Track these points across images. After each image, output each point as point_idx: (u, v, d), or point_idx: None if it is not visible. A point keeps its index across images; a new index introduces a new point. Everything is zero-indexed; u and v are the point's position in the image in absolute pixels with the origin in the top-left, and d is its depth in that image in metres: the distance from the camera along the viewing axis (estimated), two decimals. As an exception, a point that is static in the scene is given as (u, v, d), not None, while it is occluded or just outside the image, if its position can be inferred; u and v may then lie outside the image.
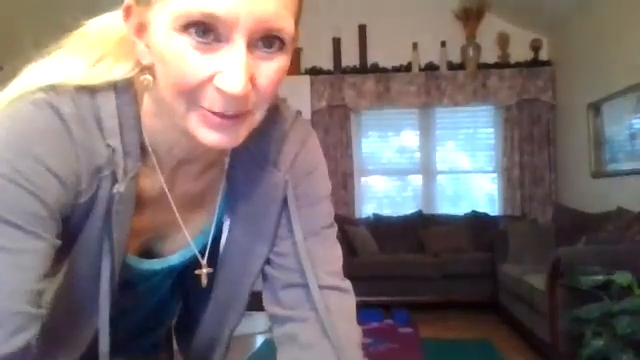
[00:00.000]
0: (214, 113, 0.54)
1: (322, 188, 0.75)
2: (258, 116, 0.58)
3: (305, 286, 0.70)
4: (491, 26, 5.34)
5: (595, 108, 4.49)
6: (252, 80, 0.53)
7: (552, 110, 5.33)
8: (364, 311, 4.75)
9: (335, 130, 5.49)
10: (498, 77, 5.34)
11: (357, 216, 5.50)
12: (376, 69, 5.44)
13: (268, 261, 0.72)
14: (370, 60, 5.46)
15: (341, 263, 0.76)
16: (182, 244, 0.72)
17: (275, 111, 0.70)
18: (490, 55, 5.37)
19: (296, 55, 5.47)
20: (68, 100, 0.56)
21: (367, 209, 5.66)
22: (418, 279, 4.69)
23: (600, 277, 2.61)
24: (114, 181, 0.59)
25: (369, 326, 4.33)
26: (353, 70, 5.46)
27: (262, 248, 0.71)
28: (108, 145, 0.58)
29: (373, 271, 4.76)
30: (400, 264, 4.77)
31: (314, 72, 5.47)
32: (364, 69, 5.45)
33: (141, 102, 0.62)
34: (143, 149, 0.62)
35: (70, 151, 0.56)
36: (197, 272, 0.71)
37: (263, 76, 0.55)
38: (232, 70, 0.51)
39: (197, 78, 0.52)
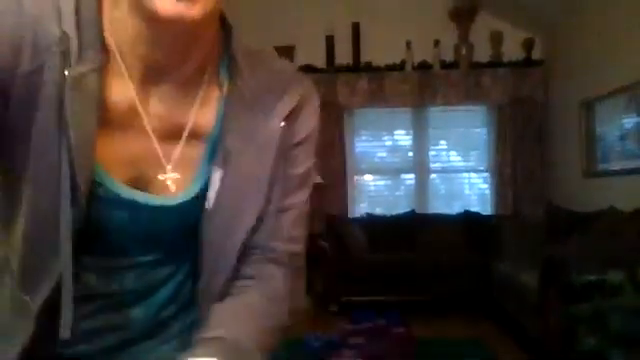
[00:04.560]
0: None
1: (308, 161, 0.72)
2: None
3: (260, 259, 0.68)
4: (484, 25, 5.34)
5: (587, 107, 4.51)
6: None
7: (544, 109, 5.35)
8: (357, 311, 4.79)
9: (328, 128, 5.48)
10: (491, 76, 5.36)
11: (350, 215, 5.50)
12: (369, 67, 5.43)
13: None
14: (363, 58, 5.45)
15: (300, 247, 0.72)
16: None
17: (274, 61, 0.69)
18: (483, 54, 5.38)
19: (289, 53, 5.45)
20: None
21: (360, 208, 5.65)
22: (411, 278, 4.69)
23: (593, 276, 2.61)
24: (66, 64, 0.56)
25: (362, 326, 4.33)
26: (346, 68, 5.45)
27: (256, 204, 0.66)
28: (64, 32, 0.56)
29: (366, 270, 4.75)
30: (393, 263, 4.77)
31: (307, 70, 5.45)
32: (357, 67, 5.44)
33: None
34: (105, 49, 0.59)
35: (14, 15, 0.54)
36: (160, 177, 0.65)
37: None
38: None
39: None
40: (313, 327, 4.28)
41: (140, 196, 0.64)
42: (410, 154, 5.68)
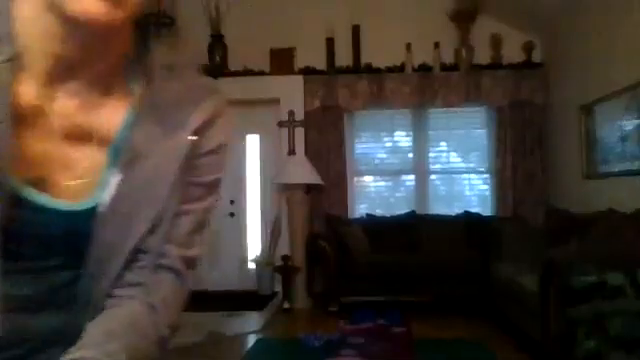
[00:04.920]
0: None
1: (216, 171, 0.72)
2: None
3: (150, 264, 0.66)
4: (484, 27, 5.35)
5: (587, 110, 4.52)
6: None
7: (544, 111, 5.36)
8: (357, 311, 4.80)
9: (328, 130, 5.49)
10: (491, 78, 5.36)
11: (350, 216, 5.51)
12: (370, 69, 5.44)
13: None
14: (364, 60, 5.46)
15: (196, 253, 0.71)
16: (73, 190, 0.65)
17: (193, 77, 0.69)
18: (483, 56, 5.39)
19: (290, 55, 5.46)
20: None
21: (360, 209, 5.66)
22: (411, 279, 4.70)
23: (593, 278, 2.62)
24: None
25: (362, 326, 4.34)
26: (346, 70, 5.46)
27: (150, 212, 0.65)
28: None
29: (366, 271, 4.76)
30: (393, 264, 4.78)
31: (308, 72, 5.46)
32: (357, 69, 5.45)
33: None
34: (15, 43, 0.59)
35: None
36: (64, 180, 0.63)
37: None
38: None
39: None
40: (313, 327, 4.29)
41: (41, 199, 0.62)
42: (410, 155, 5.69)
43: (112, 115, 0.66)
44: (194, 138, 0.67)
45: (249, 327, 4.40)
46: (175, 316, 0.68)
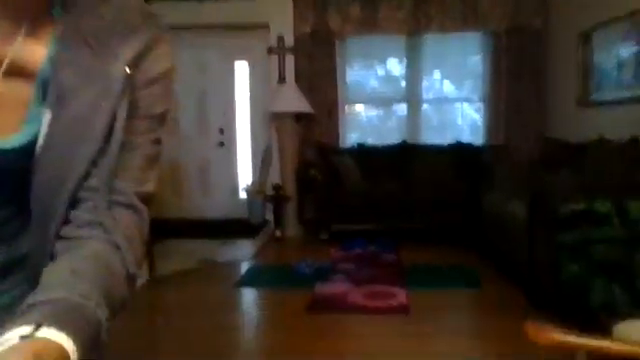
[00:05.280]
0: None
1: (162, 103, 0.68)
2: None
3: (101, 202, 0.63)
4: (483, -53, 5.10)
5: (585, 36, 4.40)
6: None
7: (542, 38, 5.21)
8: (348, 239, 4.88)
9: (319, 58, 5.34)
10: (488, 1, 5.17)
11: (341, 145, 5.48)
12: (362, -8, 5.22)
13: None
14: (356, -18, 5.22)
15: (151, 188, 0.68)
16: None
17: (126, 4, 0.64)
18: (481, -22, 5.17)
19: (279, -24, 5.20)
20: None
21: (351, 138, 5.62)
22: (401, 208, 4.75)
23: (580, 205, 2.65)
24: None
25: (353, 252, 4.43)
26: (338, -7, 5.24)
27: (87, 149, 0.61)
28: None
29: (356, 199, 4.80)
30: (383, 193, 4.81)
31: (298, -5, 5.24)
32: (350, -8, 5.23)
33: None
34: None
35: None
36: None
37: None
38: None
39: None
40: (304, 254, 4.37)
41: None
42: (403, 84, 5.58)
43: (35, 46, 0.60)
44: (129, 69, 0.62)
45: (241, 254, 4.48)
46: (140, 253, 0.66)
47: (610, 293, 2.48)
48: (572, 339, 1.17)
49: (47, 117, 0.60)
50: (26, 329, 0.46)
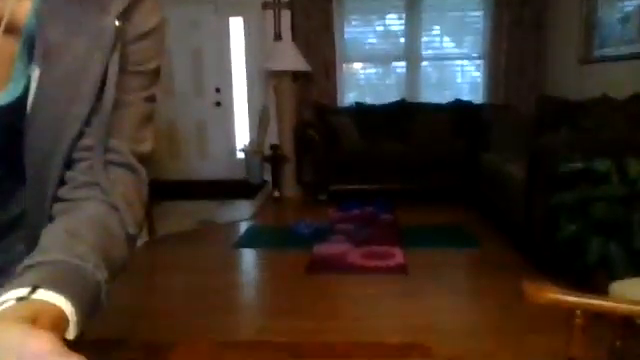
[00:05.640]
0: None
1: (154, 58, 0.65)
2: None
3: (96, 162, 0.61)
4: None
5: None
6: None
7: (544, -9, 5.08)
8: (346, 199, 4.88)
9: (316, 14, 5.20)
10: (491, -46, 5.01)
11: (339, 104, 5.41)
12: (360, -56, 5.04)
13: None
14: None
15: (148, 148, 0.67)
16: None
17: None
18: None
19: None
20: None
21: (349, 97, 5.55)
22: (399, 168, 4.72)
23: (579, 165, 2.62)
24: None
25: (350, 213, 4.44)
26: (336, -55, 5.06)
27: (79, 107, 0.59)
28: None
29: (355, 160, 4.77)
30: (381, 153, 4.78)
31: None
32: (348, -56, 5.05)
33: None
34: None
35: None
36: None
37: None
38: None
39: None
40: (302, 215, 4.38)
41: None
42: (402, 40, 5.46)
43: (20, 1, 0.57)
44: (118, 22, 0.59)
45: (240, 215, 4.48)
46: (140, 214, 0.64)
47: (607, 252, 2.48)
48: (570, 298, 1.17)
49: (36, 74, 0.58)
50: (23, 291, 0.45)
